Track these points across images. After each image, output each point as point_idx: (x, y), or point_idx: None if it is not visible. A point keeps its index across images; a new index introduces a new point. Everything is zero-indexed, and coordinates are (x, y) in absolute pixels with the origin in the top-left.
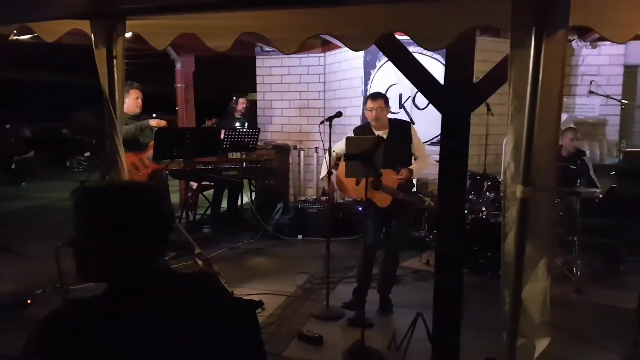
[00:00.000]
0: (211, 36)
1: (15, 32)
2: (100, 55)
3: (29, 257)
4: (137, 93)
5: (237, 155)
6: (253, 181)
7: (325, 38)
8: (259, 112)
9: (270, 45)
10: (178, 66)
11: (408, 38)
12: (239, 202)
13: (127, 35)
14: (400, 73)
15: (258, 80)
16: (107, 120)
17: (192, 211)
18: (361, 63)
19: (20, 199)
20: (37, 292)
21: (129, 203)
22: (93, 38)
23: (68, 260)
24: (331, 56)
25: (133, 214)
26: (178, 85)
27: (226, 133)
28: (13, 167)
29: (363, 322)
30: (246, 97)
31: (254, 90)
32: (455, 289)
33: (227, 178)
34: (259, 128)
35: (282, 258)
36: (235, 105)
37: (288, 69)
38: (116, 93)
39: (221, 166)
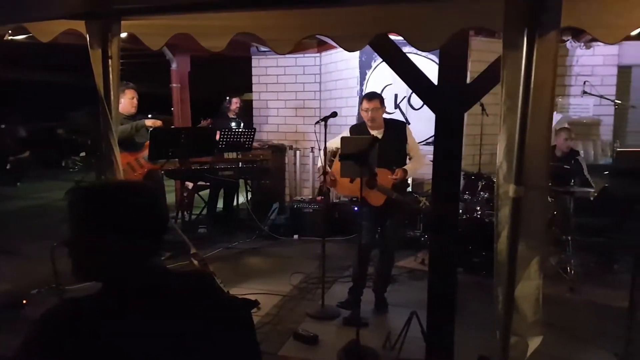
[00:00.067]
0: (206, 36)
1: (10, 32)
2: (95, 55)
3: (25, 257)
4: (133, 93)
5: (233, 155)
6: (249, 181)
7: (320, 38)
8: (255, 112)
9: (265, 45)
10: (174, 66)
11: (402, 38)
12: (235, 202)
13: (122, 35)
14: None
15: (254, 80)
16: (103, 120)
17: (188, 211)
18: (357, 63)
19: (15, 199)
20: (33, 292)
21: (124, 202)
22: (88, 38)
23: (64, 260)
24: (327, 56)
25: (128, 213)
26: (174, 85)
27: (222, 133)
28: (8, 167)
29: (358, 322)
30: (240, 97)
31: (250, 90)
32: (449, 288)
33: (223, 178)
34: (255, 128)
35: (278, 258)
36: (228, 105)
37: (284, 69)
38: (111, 93)
39: (217, 166)
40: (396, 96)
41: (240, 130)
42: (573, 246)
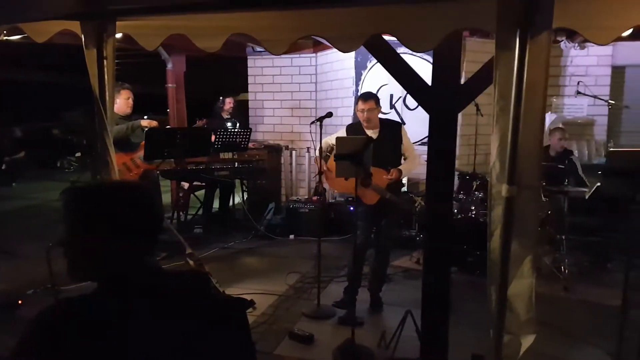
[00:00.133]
0: (201, 37)
1: (5, 33)
2: (90, 55)
3: (20, 258)
4: (128, 93)
5: (229, 155)
6: (245, 181)
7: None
8: (251, 112)
9: (260, 46)
10: (169, 66)
11: (396, 39)
12: (231, 202)
13: (118, 35)
14: None
15: (250, 80)
16: (98, 120)
17: (184, 211)
18: (352, 63)
19: (11, 200)
20: (29, 293)
21: (119, 202)
22: (83, 39)
23: (59, 260)
24: (323, 56)
25: (123, 213)
26: (169, 85)
27: (217, 133)
28: (3, 168)
29: (354, 321)
30: (233, 97)
31: (246, 90)
32: (443, 287)
33: (219, 178)
34: (251, 128)
35: (274, 258)
36: (222, 105)
37: (280, 69)
38: (107, 93)
39: (213, 166)
40: (392, 96)
41: (236, 130)
42: (567, 245)
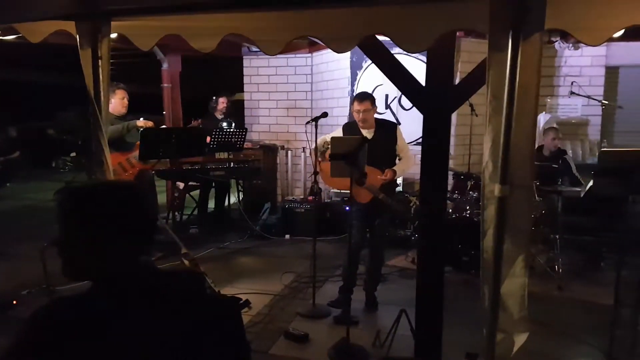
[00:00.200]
0: (196, 37)
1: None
2: (85, 55)
3: (15, 258)
4: (123, 93)
5: (224, 155)
6: (240, 181)
7: (311, 39)
8: (246, 112)
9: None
10: (165, 66)
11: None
12: (226, 202)
13: (113, 35)
14: None
15: (245, 80)
16: (93, 120)
17: (179, 211)
18: (348, 64)
19: (5, 200)
20: (23, 293)
21: (113, 202)
22: (78, 39)
23: (54, 260)
24: (318, 57)
25: (118, 213)
26: (165, 85)
27: (213, 133)
28: None
29: (349, 320)
30: (227, 97)
31: (242, 90)
32: (436, 286)
33: (214, 178)
34: (246, 128)
35: (270, 258)
36: (215, 105)
37: (275, 69)
38: (101, 93)
39: (208, 166)
40: (387, 96)
41: (231, 130)
42: (561, 245)
